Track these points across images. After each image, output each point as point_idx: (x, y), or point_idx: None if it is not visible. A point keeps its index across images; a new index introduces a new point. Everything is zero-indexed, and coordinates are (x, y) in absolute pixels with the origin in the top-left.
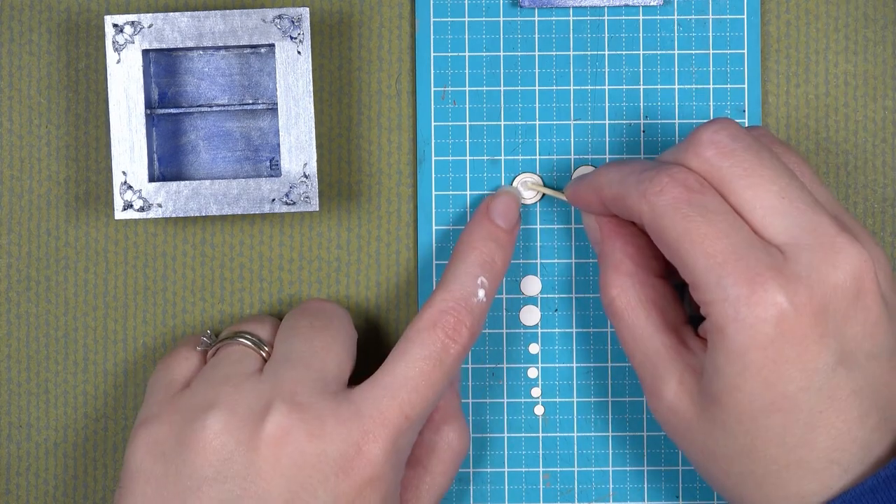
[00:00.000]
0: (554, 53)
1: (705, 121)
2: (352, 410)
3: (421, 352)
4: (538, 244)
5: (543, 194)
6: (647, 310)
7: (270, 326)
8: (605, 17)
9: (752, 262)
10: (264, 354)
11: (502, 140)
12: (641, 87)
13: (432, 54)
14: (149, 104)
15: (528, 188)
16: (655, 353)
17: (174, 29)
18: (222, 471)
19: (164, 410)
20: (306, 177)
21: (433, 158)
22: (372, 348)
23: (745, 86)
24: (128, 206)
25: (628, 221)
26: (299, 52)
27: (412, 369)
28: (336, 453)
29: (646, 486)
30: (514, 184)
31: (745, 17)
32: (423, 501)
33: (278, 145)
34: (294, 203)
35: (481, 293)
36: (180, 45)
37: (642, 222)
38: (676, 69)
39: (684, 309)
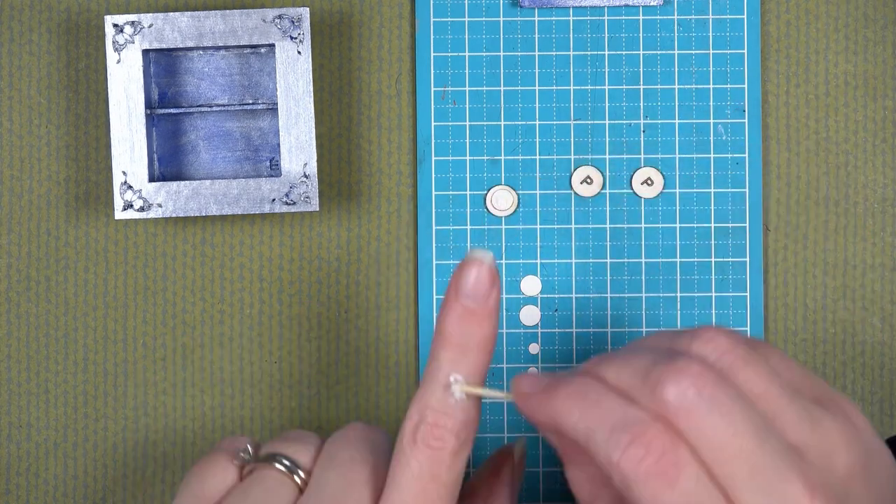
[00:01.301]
0: (554, 53)
1: (705, 120)
2: None
3: (410, 472)
4: (538, 244)
5: (518, 203)
6: None
7: (312, 448)
8: (605, 17)
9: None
10: (299, 482)
11: (502, 140)
12: (641, 87)
13: (432, 54)
14: (149, 104)
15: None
16: None
17: (174, 29)
18: None
19: None
20: (306, 177)
21: (433, 158)
22: (372, 350)
23: (745, 86)
24: (128, 206)
25: None
26: (299, 52)
27: (408, 494)
28: None
29: None
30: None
31: (745, 17)
32: None
33: (278, 145)
34: (294, 203)
35: (457, 390)
36: (180, 45)
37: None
38: (676, 69)
39: None
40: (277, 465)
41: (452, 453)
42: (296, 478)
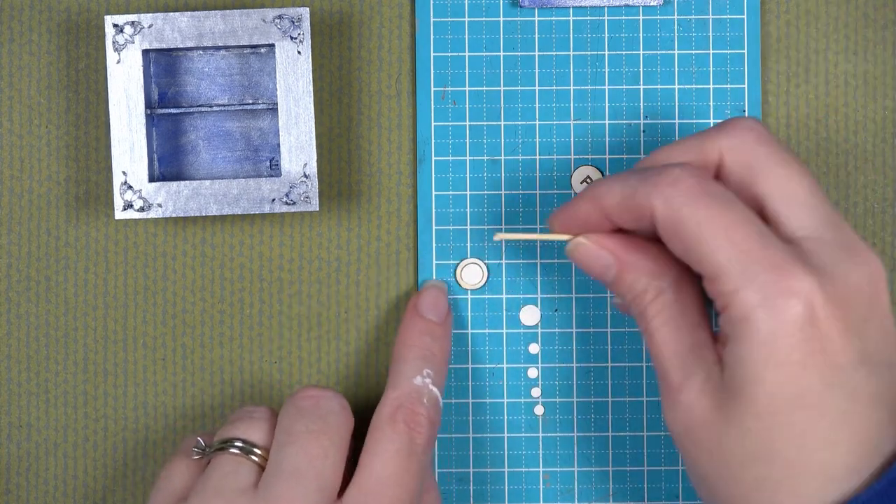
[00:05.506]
0: (554, 53)
1: (705, 120)
2: None
3: (391, 446)
4: (538, 244)
5: (488, 276)
6: (685, 304)
7: (265, 424)
8: (605, 17)
9: (776, 251)
10: (257, 459)
11: (502, 140)
12: (641, 87)
13: (432, 54)
14: (149, 104)
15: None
16: (690, 347)
17: (174, 29)
18: None
19: None
20: (306, 177)
21: (433, 158)
22: (372, 350)
23: (745, 86)
24: (128, 206)
25: (638, 237)
26: (299, 52)
27: (390, 465)
28: None
29: (646, 486)
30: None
31: (745, 17)
32: None
33: (278, 145)
34: (294, 203)
35: (429, 383)
36: (180, 45)
37: (653, 219)
38: (676, 69)
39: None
40: (231, 450)
41: (426, 436)
42: (253, 457)
